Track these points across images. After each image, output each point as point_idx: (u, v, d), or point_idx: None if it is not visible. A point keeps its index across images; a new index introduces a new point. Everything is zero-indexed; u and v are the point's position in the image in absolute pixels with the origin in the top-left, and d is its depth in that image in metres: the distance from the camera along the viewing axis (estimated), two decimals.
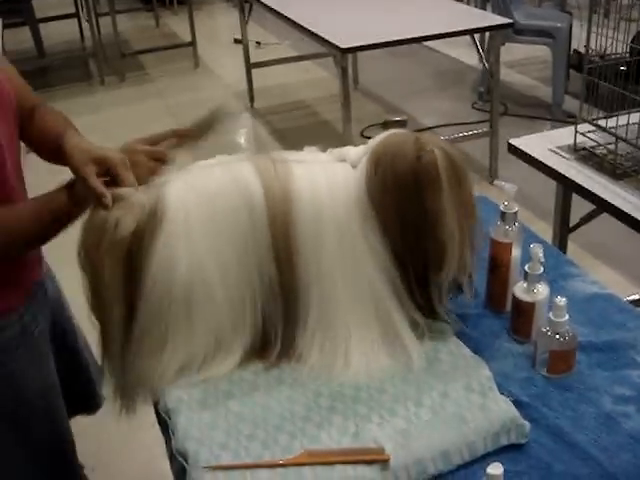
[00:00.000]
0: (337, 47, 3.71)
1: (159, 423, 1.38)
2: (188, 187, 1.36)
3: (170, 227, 1.31)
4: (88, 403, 1.79)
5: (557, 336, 1.33)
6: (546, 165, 2.31)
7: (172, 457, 1.27)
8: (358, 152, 1.41)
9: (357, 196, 1.35)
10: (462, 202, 1.34)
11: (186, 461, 1.21)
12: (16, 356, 1.48)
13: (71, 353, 1.71)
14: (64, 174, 1.39)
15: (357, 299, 1.37)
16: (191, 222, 1.32)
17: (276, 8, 4.51)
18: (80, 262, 1.33)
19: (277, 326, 1.37)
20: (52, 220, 1.37)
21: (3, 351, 1.46)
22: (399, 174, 1.32)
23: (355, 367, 1.34)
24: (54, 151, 1.42)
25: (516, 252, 1.49)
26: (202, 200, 1.34)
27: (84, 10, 6.63)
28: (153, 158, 1.42)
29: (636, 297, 2.93)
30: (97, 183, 1.32)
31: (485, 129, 4.39)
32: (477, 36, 4.44)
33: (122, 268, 1.30)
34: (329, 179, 1.38)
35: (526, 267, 1.41)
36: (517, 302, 1.43)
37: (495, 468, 0.98)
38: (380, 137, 1.40)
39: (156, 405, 1.37)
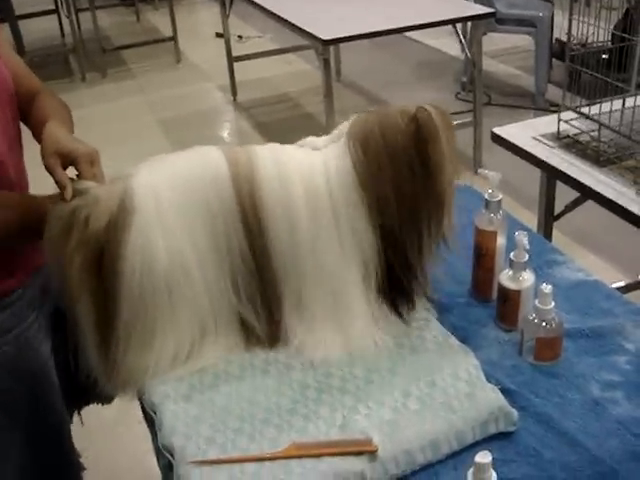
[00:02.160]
0: (318, 39, 3.70)
1: (145, 419, 1.37)
2: (155, 174, 1.35)
3: (142, 215, 1.29)
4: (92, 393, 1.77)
5: (543, 323, 1.33)
6: (530, 153, 2.31)
7: (159, 452, 1.26)
8: (324, 139, 1.42)
9: (340, 180, 1.34)
10: (454, 152, 1.37)
11: (173, 456, 1.20)
12: (12, 338, 1.48)
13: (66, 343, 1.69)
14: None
15: (328, 279, 1.36)
16: (162, 207, 1.31)
17: (257, 1, 4.49)
18: (47, 258, 1.32)
19: (257, 307, 1.37)
20: (36, 219, 1.34)
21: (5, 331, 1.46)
22: (394, 142, 1.32)
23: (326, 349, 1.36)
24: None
25: (501, 240, 1.48)
26: (170, 184, 1.33)
27: (64, 6, 6.58)
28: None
29: (622, 284, 2.94)
30: (60, 175, 1.33)
31: (469, 119, 4.38)
32: (459, 26, 4.43)
33: (93, 264, 1.29)
34: (294, 156, 1.39)
35: (511, 255, 1.41)
36: (503, 290, 1.42)
37: (483, 456, 0.98)
38: (350, 121, 1.40)
39: (142, 400, 1.36)
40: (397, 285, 1.39)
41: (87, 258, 1.28)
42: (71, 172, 1.38)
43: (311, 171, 1.36)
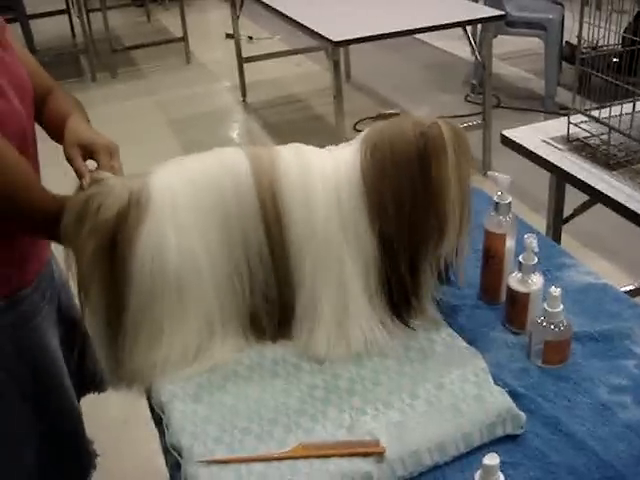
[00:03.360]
0: (329, 40, 3.70)
1: (153, 418, 1.38)
2: (173, 172, 1.36)
3: (157, 211, 1.30)
4: (99, 381, 1.78)
5: (552, 326, 1.32)
6: (539, 156, 2.31)
7: (166, 452, 1.26)
8: (343, 146, 1.43)
9: (348, 180, 1.35)
10: (464, 176, 1.33)
11: (180, 456, 1.20)
12: (29, 331, 1.49)
13: (79, 334, 1.67)
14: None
15: (338, 282, 1.37)
16: (178, 206, 1.31)
17: (267, 2, 4.50)
18: (63, 245, 1.34)
19: (272, 306, 1.37)
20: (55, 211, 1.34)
21: (20, 326, 1.47)
22: (400, 152, 1.32)
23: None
24: (60, 133, 1.48)
25: (510, 243, 1.48)
26: (187, 181, 1.34)
27: (75, 6, 6.60)
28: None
29: (631, 288, 2.93)
30: (79, 165, 1.40)
31: (478, 121, 4.38)
32: (469, 28, 4.43)
33: (105, 253, 1.30)
34: (318, 159, 1.39)
35: (520, 258, 1.41)
36: (511, 293, 1.42)
37: (491, 459, 0.98)
38: (374, 125, 1.40)
39: (150, 400, 1.36)
40: (395, 294, 1.38)
41: (98, 246, 1.30)
42: (91, 165, 1.42)
43: (328, 174, 1.37)
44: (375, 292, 1.38)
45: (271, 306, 1.38)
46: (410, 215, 1.33)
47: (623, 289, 2.57)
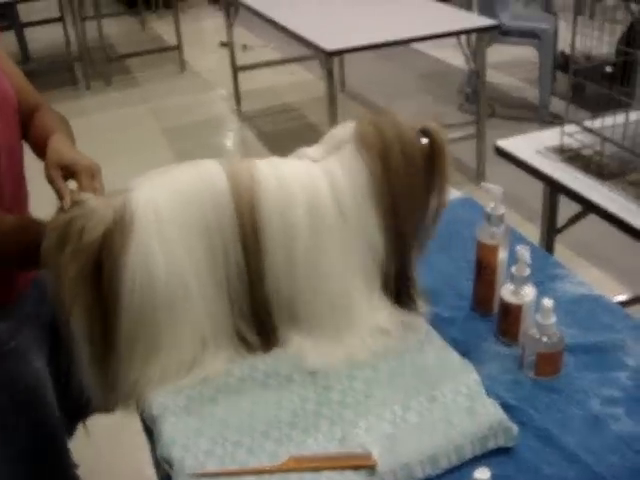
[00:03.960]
0: (323, 50, 3.70)
1: (145, 430, 1.37)
2: (154, 188, 1.34)
3: (142, 227, 1.28)
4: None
5: (544, 338, 1.32)
6: (532, 167, 2.31)
7: (157, 464, 1.25)
8: (319, 149, 1.44)
9: (352, 191, 1.36)
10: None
11: (171, 468, 1.19)
12: (8, 350, 1.47)
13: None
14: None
15: (327, 292, 1.38)
16: (162, 222, 1.30)
17: (262, 11, 4.51)
18: (44, 267, 1.32)
19: (251, 321, 1.37)
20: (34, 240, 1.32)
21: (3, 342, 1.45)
22: (412, 159, 1.37)
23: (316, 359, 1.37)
24: (43, 151, 1.45)
25: (502, 254, 1.48)
26: (170, 197, 1.32)
27: (69, 14, 6.60)
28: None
29: (624, 298, 2.94)
30: (60, 186, 1.37)
31: (472, 131, 4.39)
32: (463, 38, 4.44)
33: (88, 276, 1.28)
34: (293, 170, 1.39)
35: (512, 269, 1.41)
36: (504, 304, 1.42)
37: (482, 473, 0.97)
38: (354, 129, 1.41)
39: (141, 412, 1.35)
40: (402, 290, 1.42)
41: (81, 269, 1.27)
42: (73, 186, 1.40)
43: (314, 184, 1.36)
44: (376, 298, 1.39)
45: (251, 320, 1.38)
46: (420, 211, 1.40)
47: (616, 299, 2.58)
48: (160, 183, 1.35)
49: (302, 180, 1.37)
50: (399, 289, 1.42)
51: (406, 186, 1.37)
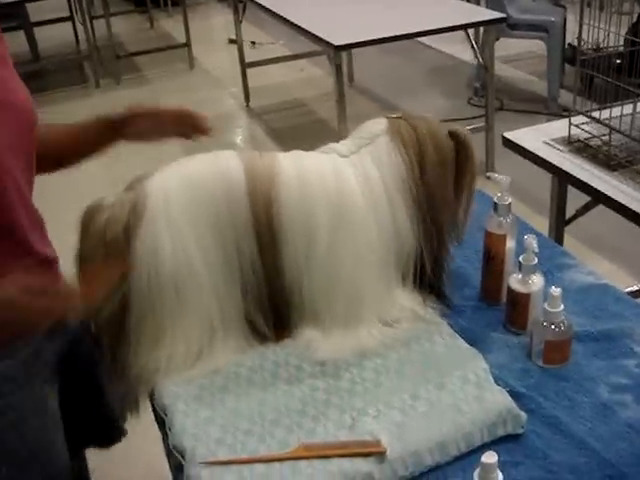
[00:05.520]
0: (331, 45, 3.71)
1: (156, 420, 1.38)
2: (168, 177, 1.37)
3: (151, 215, 1.31)
4: (104, 434, 1.63)
5: (552, 326, 1.33)
6: (541, 158, 2.31)
7: (169, 453, 1.27)
8: (348, 144, 1.45)
9: (387, 178, 1.39)
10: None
11: (183, 457, 1.21)
12: (16, 390, 1.34)
13: (84, 378, 1.55)
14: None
15: (342, 285, 1.39)
16: (171, 208, 1.33)
17: (270, 7, 4.51)
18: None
19: (266, 313, 1.39)
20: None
21: (4, 382, 1.31)
22: (443, 151, 1.42)
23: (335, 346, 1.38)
24: (91, 139, 1.50)
25: (510, 244, 1.49)
26: (182, 186, 1.35)
27: (78, 13, 6.62)
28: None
29: (634, 288, 2.93)
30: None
31: (481, 124, 4.38)
32: (471, 31, 4.43)
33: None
34: (317, 164, 1.41)
35: (520, 258, 1.41)
36: (512, 293, 1.43)
37: (489, 457, 0.98)
38: (388, 126, 1.44)
39: (152, 402, 1.37)
40: (434, 280, 1.47)
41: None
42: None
43: (340, 178, 1.38)
44: (398, 285, 1.44)
45: (268, 311, 1.39)
46: (451, 202, 1.45)
47: (627, 290, 2.58)
48: (175, 173, 1.38)
49: (325, 173, 1.39)
50: (431, 279, 1.45)
51: (439, 178, 1.41)
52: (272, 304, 1.39)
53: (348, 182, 1.38)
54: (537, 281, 1.41)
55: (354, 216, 1.37)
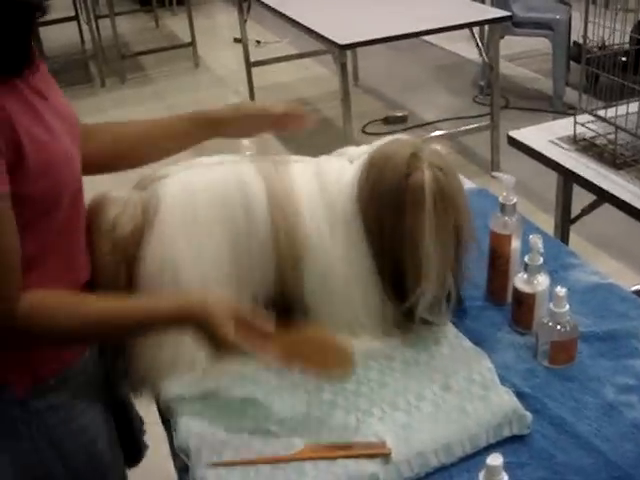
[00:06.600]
0: (335, 43, 3.70)
1: (162, 420, 1.39)
2: (184, 184, 1.37)
3: (162, 224, 1.32)
4: (136, 453, 1.59)
5: (558, 326, 1.32)
6: (546, 156, 2.30)
7: (175, 454, 1.27)
8: (361, 149, 1.44)
9: (348, 194, 1.36)
10: (448, 229, 1.33)
11: (188, 458, 1.21)
12: (84, 406, 1.33)
13: (123, 402, 1.53)
14: None
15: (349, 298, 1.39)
16: (187, 216, 1.33)
17: (274, 6, 4.51)
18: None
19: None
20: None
21: (72, 405, 1.30)
22: (385, 185, 1.32)
23: None
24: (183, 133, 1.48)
25: (516, 243, 1.48)
26: (196, 197, 1.35)
27: (83, 13, 6.62)
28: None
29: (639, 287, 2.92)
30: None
31: (486, 122, 4.37)
32: (476, 30, 4.42)
33: (124, 267, 1.32)
34: (325, 175, 1.40)
35: (526, 258, 1.41)
36: (517, 293, 1.42)
37: (494, 459, 0.97)
38: (382, 141, 1.41)
39: (158, 402, 1.37)
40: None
41: (118, 260, 1.32)
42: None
43: (333, 190, 1.39)
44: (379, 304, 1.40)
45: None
46: (393, 248, 1.34)
47: (633, 288, 2.57)
48: (190, 180, 1.38)
49: (328, 185, 1.39)
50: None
51: (377, 211, 1.34)
52: (279, 310, 1.38)
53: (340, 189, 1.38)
54: (542, 281, 1.41)
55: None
